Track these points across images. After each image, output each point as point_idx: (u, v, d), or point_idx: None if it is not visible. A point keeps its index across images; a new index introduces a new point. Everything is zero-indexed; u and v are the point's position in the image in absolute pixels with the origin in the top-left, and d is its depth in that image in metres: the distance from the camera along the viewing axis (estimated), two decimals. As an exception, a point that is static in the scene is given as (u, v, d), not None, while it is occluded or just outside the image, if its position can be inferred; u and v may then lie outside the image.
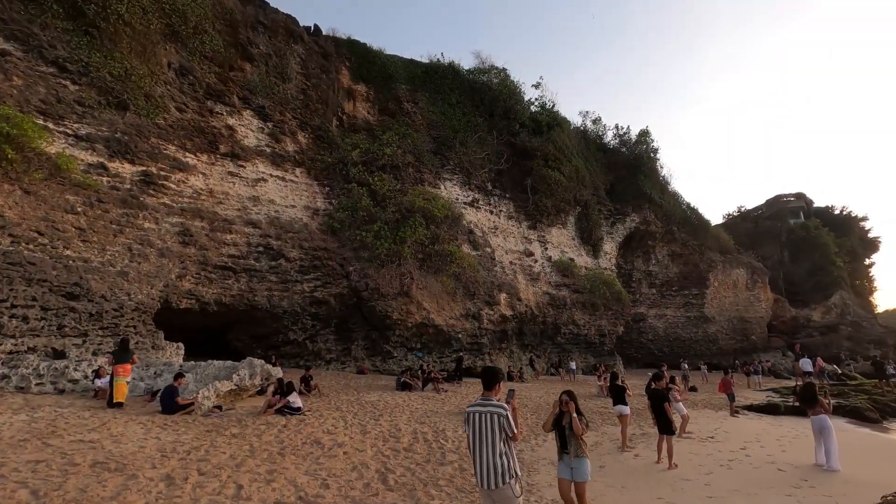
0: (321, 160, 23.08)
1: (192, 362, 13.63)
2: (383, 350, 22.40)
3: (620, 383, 11.23)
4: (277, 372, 13.31)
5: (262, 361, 13.25)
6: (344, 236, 22.06)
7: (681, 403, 12.64)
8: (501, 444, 4.10)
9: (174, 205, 17.37)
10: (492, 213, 29.61)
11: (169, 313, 17.56)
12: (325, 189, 23.00)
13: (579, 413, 5.86)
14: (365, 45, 27.98)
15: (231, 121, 20.35)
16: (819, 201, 64.17)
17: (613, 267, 37.00)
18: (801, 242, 54.36)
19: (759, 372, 28.88)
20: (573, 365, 27.96)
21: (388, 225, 22.45)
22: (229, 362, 13.02)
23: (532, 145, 31.68)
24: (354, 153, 23.95)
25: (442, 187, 27.33)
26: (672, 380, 13.86)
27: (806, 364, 25.40)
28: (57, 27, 15.76)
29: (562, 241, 32.87)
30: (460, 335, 23.82)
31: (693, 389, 23.47)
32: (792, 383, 26.14)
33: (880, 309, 67.77)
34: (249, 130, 20.97)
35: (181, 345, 16.75)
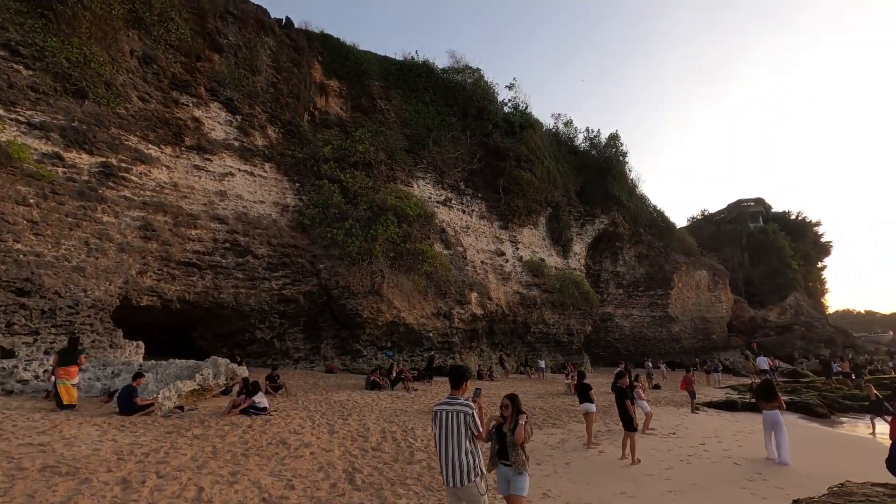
0: (291, 155, 22.64)
1: (153, 361, 13.18)
2: (353, 349, 22.19)
3: (586, 381, 11.45)
4: (243, 371, 13.01)
5: (227, 360, 12.91)
6: (314, 233, 21.72)
7: (644, 401, 13.01)
8: (467, 442, 4.14)
9: (135, 198, 16.73)
10: (464, 212, 29.71)
11: (129, 311, 16.93)
12: (295, 185, 22.58)
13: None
14: (338, 39, 27.61)
15: (197, 112, 19.74)
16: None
17: (582, 267, 37.69)
18: (760, 246, 56.72)
19: (718, 370, 30.00)
20: (542, 364, 28.36)
21: (360, 223, 22.23)
22: (192, 361, 12.64)
23: (505, 146, 31.94)
24: (326, 149, 23.60)
25: (415, 186, 27.25)
26: (636, 378, 14.24)
27: (762, 362, 26.89)
28: (9, 9, 14.94)
29: (533, 242, 33.27)
30: (431, 334, 23.83)
31: (657, 387, 24.17)
32: (749, 381, 27.24)
33: (831, 310, 71.47)
34: (217, 123, 20.40)
35: (141, 343, 16.16)
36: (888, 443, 6.92)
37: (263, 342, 20.84)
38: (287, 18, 25.71)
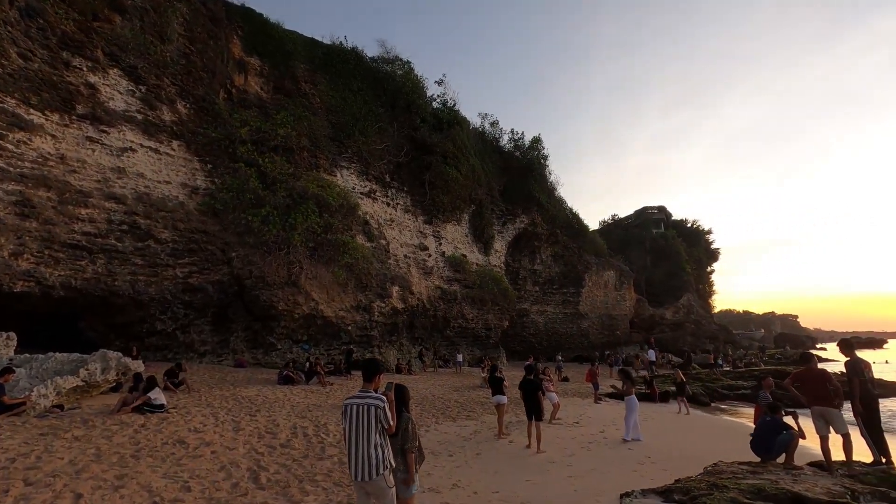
0: (204, 134, 20.98)
1: (27, 355, 11.66)
2: (266, 342, 21.18)
3: (499, 375, 11.84)
4: (138, 366, 11.95)
5: (120, 354, 11.77)
6: (227, 219, 20.35)
7: (553, 393, 13.74)
8: (377, 435, 4.11)
9: (11, 169, 14.63)
10: (388, 205, 29.42)
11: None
12: (207, 166, 20.97)
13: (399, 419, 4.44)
14: (261, 15, 26.03)
15: (93, 78, 17.66)
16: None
17: (502, 264, 38.90)
18: (661, 250, 61.99)
19: (619, 363, 32.45)
20: (460, 357, 28.91)
21: (278, 210, 21.17)
22: (76, 355, 11.36)
23: (432, 141, 31.98)
24: (243, 130, 22.16)
25: (338, 175, 26.49)
26: (544, 371, 15.00)
27: (651, 355, 29.98)
28: None
29: (456, 238, 33.76)
30: (350, 327, 23.38)
31: (566, 380, 25.62)
32: (646, 373, 29.72)
33: (716, 310, 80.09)
34: (117, 92, 18.38)
35: (12, 335, 14.07)
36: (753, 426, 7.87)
37: (164, 334, 19.24)
38: (204, -14, 23.78)
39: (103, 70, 17.99)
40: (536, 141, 42.82)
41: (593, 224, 64.20)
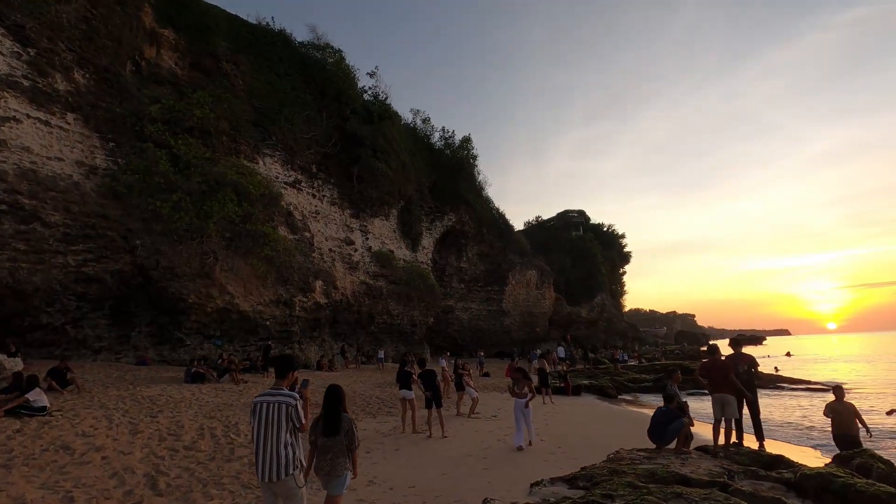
0: (106, 109, 18.97)
1: None
2: (174, 337, 19.69)
3: (408, 369, 11.88)
4: (16, 364, 10.64)
5: (-7, 351, 10.38)
6: (130, 203, 18.57)
7: (471, 388, 14.07)
8: (288, 434, 3.97)
9: None
10: (314, 196, 28.47)
11: None
12: (108, 144, 19.01)
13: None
14: (178, -16, 24.08)
15: (-33, 35, 15.38)
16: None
17: (429, 261, 39.12)
18: (579, 251, 65.48)
19: (535, 358, 33.90)
20: (381, 354, 28.69)
21: (192, 196, 19.65)
22: (-64, 352, 9.86)
23: (362, 133, 31.36)
24: (154, 108, 20.34)
25: (261, 162, 25.18)
26: (462, 366, 15.33)
27: (560, 351, 31.62)
28: None
29: (383, 233, 33.43)
30: (268, 322, 22.36)
31: (486, 375, 26.33)
32: (563, 368, 31.33)
33: (626, 308, 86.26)
34: (-2, 53, 16.13)
35: None
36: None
37: (52, 329, 17.23)
38: (111, -56, 21.50)
39: (-19, 26, 15.71)
40: (466, 140, 43.45)
41: (518, 224, 66.33)
